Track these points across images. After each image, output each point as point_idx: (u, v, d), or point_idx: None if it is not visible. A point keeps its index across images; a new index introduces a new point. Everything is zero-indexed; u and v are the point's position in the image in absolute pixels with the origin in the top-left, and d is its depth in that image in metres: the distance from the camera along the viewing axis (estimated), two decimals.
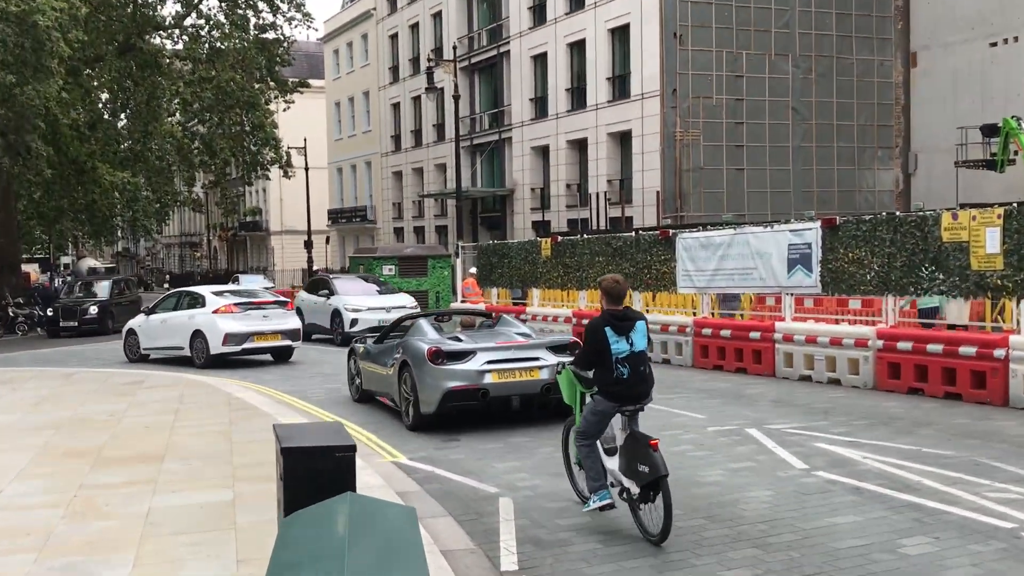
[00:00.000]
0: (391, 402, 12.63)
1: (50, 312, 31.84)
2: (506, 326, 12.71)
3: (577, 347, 10.95)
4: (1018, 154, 25.26)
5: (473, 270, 26.69)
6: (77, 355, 23.71)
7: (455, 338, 11.95)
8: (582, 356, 7.17)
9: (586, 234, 24.68)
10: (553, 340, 11.99)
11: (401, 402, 11.95)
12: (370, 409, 13.16)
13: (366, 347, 13.71)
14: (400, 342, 12.33)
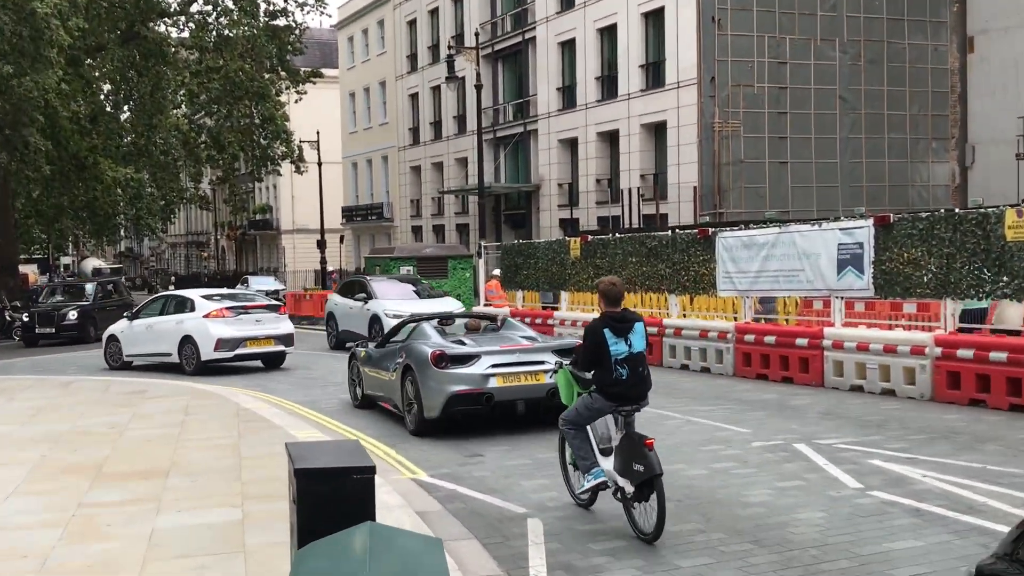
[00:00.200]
0: (393, 407, 12.98)
1: (25, 317, 31.06)
2: (511, 330, 13.14)
3: None
4: None
5: (497, 272, 26.59)
6: (41, 365, 23.45)
7: (459, 341, 12.35)
8: (581, 358, 7.69)
9: (618, 233, 24.53)
10: (559, 344, 12.29)
11: (404, 407, 12.31)
12: (386, 421, 13.10)
13: (367, 351, 14.08)
14: (403, 346, 12.74)
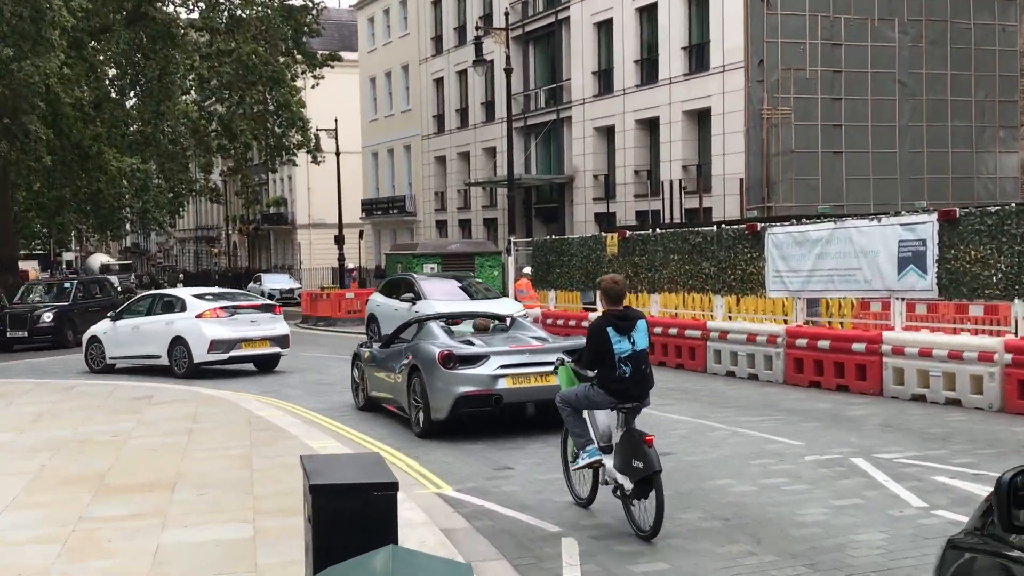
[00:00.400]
0: (398, 410, 13.45)
1: None
2: (521, 330, 13.61)
3: None
4: None
5: (527, 270, 26.55)
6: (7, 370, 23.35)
7: (467, 341, 12.78)
8: (585, 356, 8.22)
9: (658, 228, 24.44)
10: (570, 344, 12.48)
11: (410, 409, 12.76)
12: (409, 430, 13.04)
13: (372, 352, 14.54)
14: (409, 346, 13.18)
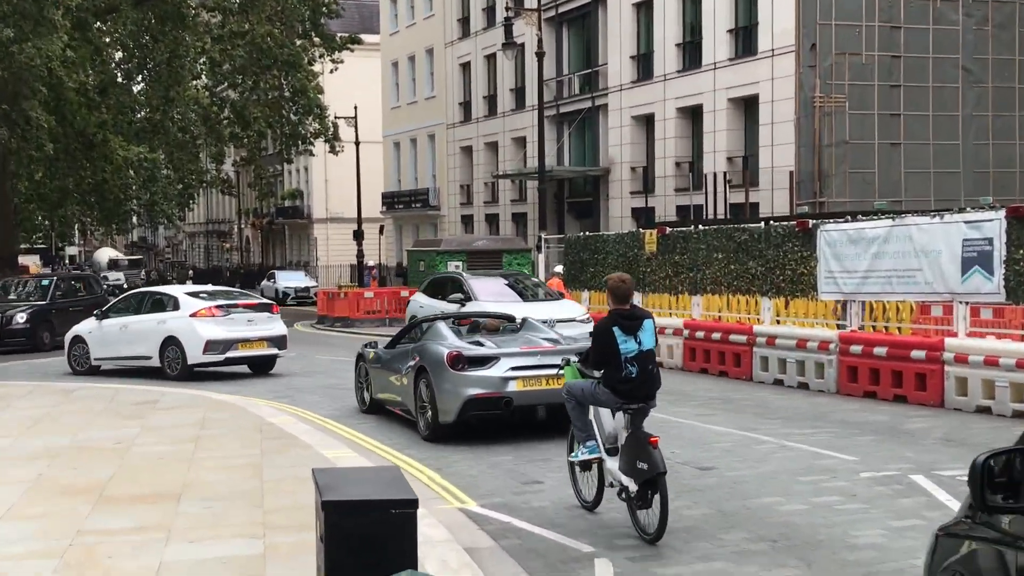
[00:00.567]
0: (404, 412, 13.84)
1: None
2: (532, 331, 13.94)
3: None
4: None
5: (559, 268, 26.50)
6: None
7: (477, 342, 13.11)
8: (592, 357, 8.68)
9: (701, 224, 24.30)
10: (583, 346, 12.38)
11: (416, 411, 13.14)
12: (433, 442, 13.02)
13: (376, 352, 14.92)
14: (416, 347, 13.57)
